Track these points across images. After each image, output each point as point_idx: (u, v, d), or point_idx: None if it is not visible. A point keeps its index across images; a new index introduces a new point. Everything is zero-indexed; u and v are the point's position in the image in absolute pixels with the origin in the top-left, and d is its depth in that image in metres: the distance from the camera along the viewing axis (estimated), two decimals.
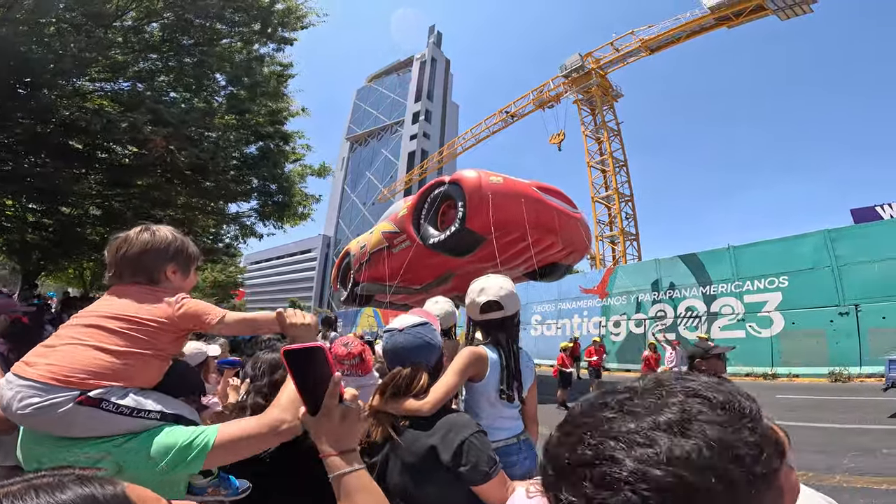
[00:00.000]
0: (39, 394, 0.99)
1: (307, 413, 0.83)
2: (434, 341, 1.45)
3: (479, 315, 1.82)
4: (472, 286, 1.85)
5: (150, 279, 1.23)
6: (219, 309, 1.23)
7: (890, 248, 11.39)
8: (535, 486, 1.14)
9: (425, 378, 1.41)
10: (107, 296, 1.21)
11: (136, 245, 1.22)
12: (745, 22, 26.41)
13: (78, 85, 7.81)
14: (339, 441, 0.83)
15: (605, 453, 0.39)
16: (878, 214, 15.92)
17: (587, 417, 0.44)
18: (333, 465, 0.82)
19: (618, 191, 31.97)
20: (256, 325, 1.28)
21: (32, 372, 1.03)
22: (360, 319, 29.87)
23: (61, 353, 1.06)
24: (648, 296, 16.34)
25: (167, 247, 1.25)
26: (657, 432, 0.39)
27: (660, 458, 0.37)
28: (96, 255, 13.85)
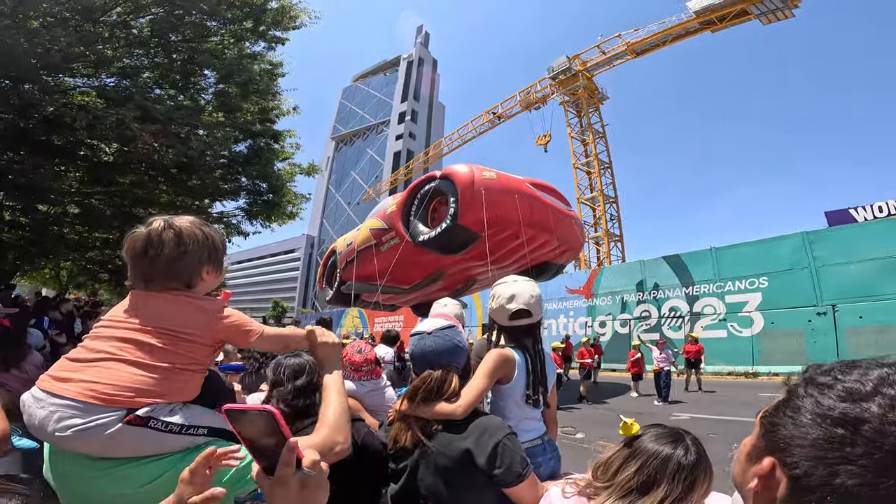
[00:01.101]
0: (80, 414, 0.93)
1: (261, 471, 0.75)
2: (462, 344, 1.46)
3: (508, 321, 1.83)
4: (501, 291, 1.85)
5: (187, 285, 1.14)
6: (257, 323, 1.20)
7: (865, 250, 11.81)
8: (570, 486, 1.16)
9: (456, 381, 1.41)
10: (135, 302, 1.11)
11: (167, 249, 1.10)
12: (728, 26, 27.05)
13: (61, 80, 7.57)
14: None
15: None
16: (851, 217, 16.46)
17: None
18: None
19: (603, 192, 32.44)
20: (289, 343, 1.25)
21: (69, 389, 0.95)
22: (345, 320, 29.65)
23: (99, 369, 0.99)
24: (633, 296, 16.61)
25: (200, 248, 1.15)
26: None
27: None
28: (74, 255, 13.46)
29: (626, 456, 1.07)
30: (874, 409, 0.44)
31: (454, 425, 1.35)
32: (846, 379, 0.49)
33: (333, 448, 1.04)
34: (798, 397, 0.52)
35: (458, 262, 9.12)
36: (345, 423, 1.11)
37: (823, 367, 0.54)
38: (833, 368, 0.52)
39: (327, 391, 1.18)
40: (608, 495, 1.02)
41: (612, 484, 1.04)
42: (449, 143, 45.71)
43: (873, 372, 0.48)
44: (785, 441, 0.50)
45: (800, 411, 0.50)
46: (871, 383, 0.46)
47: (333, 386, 1.18)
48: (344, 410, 1.14)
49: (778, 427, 0.52)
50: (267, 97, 10.03)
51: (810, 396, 0.50)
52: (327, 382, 1.20)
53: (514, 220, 7.91)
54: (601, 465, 1.11)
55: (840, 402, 0.47)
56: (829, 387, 0.49)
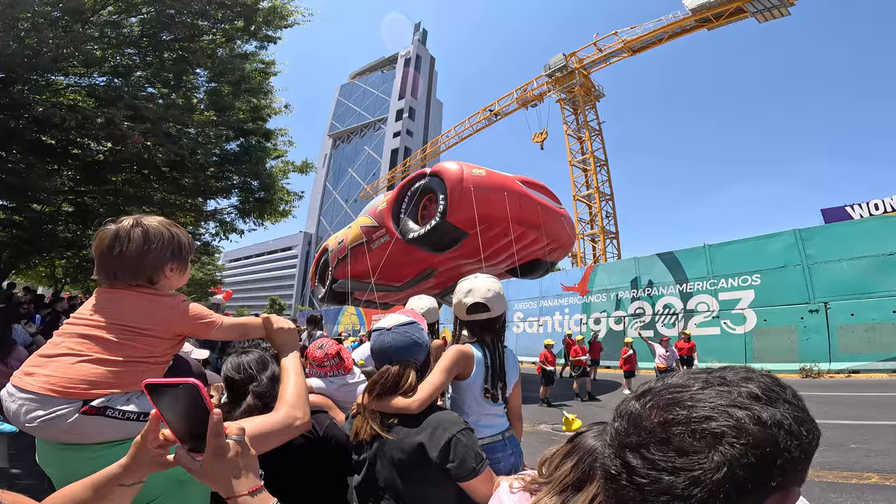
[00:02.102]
0: (42, 406, 1.00)
1: (188, 453, 0.75)
2: (421, 340, 1.48)
3: (466, 315, 1.85)
4: (460, 286, 1.87)
5: (150, 281, 1.18)
6: (216, 314, 1.24)
7: (858, 248, 11.80)
8: (517, 482, 1.19)
9: (413, 376, 1.43)
10: (99, 298, 1.15)
11: (133, 245, 1.14)
12: (724, 24, 27.05)
13: (52, 80, 7.56)
14: (242, 479, 0.76)
15: (700, 414, 0.45)
16: (847, 214, 16.52)
17: (677, 389, 0.49)
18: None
19: (598, 189, 32.47)
20: (246, 331, 1.30)
21: (31, 383, 1.03)
22: (342, 318, 29.68)
23: (57, 364, 1.06)
24: (628, 293, 16.64)
25: (166, 246, 1.19)
26: (749, 400, 0.46)
27: (755, 418, 0.44)
28: (69, 254, 13.45)
29: (566, 452, 1.07)
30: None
31: (410, 419, 1.37)
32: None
33: (293, 423, 1.09)
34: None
35: (449, 260, 9.13)
36: (303, 400, 1.15)
37: None
38: None
39: (285, 373, 1.21)
40: (546, 491, 1.04)
41: (551, 479, 1.05)
42: (446, 140, 45.65)
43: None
44: None
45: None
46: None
47: (291, 367, 1.23)
48: (301, 388, 1.17)
49: None
50: (259, 96, 10.01)
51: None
52: (285, 364, 1.24)
53: (504, 218, 7.91)
54: (546, 460, 1.13)
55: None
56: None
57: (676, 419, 0.46)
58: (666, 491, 0.44)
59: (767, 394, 0.46)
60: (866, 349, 11.16)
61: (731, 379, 0.49)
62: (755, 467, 0.42)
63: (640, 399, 0.51)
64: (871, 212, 15.82)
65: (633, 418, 0.50)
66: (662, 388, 0.51)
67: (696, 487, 0.42)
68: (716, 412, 0.45)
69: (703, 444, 0.43)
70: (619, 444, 0.50)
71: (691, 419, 0.45)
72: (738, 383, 0.48)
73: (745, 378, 0.49)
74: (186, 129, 8.62)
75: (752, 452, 0.42)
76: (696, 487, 0.42)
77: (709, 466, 0.42)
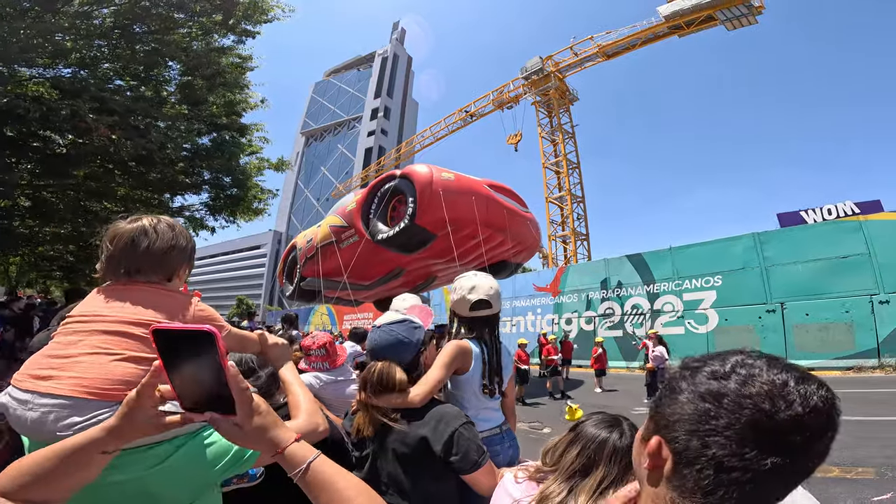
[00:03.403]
0: (76, 412, 0.91)
1: (223, 416, 0.70)
2: (408, 339, 1.51)
3: (469, 312, 1.90)
4: (462, 283, 1.92)
5: (168, 278, 1.16)
6: (224, 320, 1.25)
7: (812, 251, 12.46)
8: (522, 472, 1.25)
9: (396, 374, 1.45)
10: (114, 295, 1.08)
11: (161, 241, 1.12)
12: (695, 31, 28.04)
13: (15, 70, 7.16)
14: (283, 429, 0.74)
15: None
16: (802, 219, 17.36)
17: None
18: (299, 455, 0.73)
19: (570, 192, 33.07)
20: (245, 343, 1.31)
21: (59, 387, 0.93)
22: (313, 318, 29.21)
23: (85, 364, 0.96)
24: (598, 294, 17.06)
25: (187, 245, 1.19)
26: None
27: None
28: (23, 250, 12.74)
29: (570, 441, 1.15)
30: (731, 385, 0.51)
31: (412, 414, 1.41)
32: (711, 363, 0.56)
33: (317, 430, 1.12)
34: (675, 380, 0.57)
35: (417, 260, 9.25)
36: (317, 406, 1.19)
37: (696, 357, 0.60)
38: (703, 357, 0.59)
39: (289, 384, 1.23)
40: (554, 478, 1.10)
41: (557, 467, 1.12)
42: (421, 140, 45.54)
43: (732, 357, 0.55)
44: (666, 419, 0.55)
45: (676, 392, 0.56)
46: (729, 364, 0.54)
47: (293, 378, 1.25)
48: (311, 397, 1.22)
49: (661, 408, 0.57)
50: (234, 90, 9.77)
51: (684, 379, 0.56)
52: (285, 376, 1.25)
53: (471, 221, 8.13)
54: (549, 450, 1.19)
55: (706, 380, 0.53)
56: (697, 370, 0.56)
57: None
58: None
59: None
60: (820, 348, 11.79)
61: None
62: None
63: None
64: (825, 217, 16.67)
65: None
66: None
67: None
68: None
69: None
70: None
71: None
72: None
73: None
74: (156, 122, 8.31)
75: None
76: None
77: None
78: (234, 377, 0.69)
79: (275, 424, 0.74)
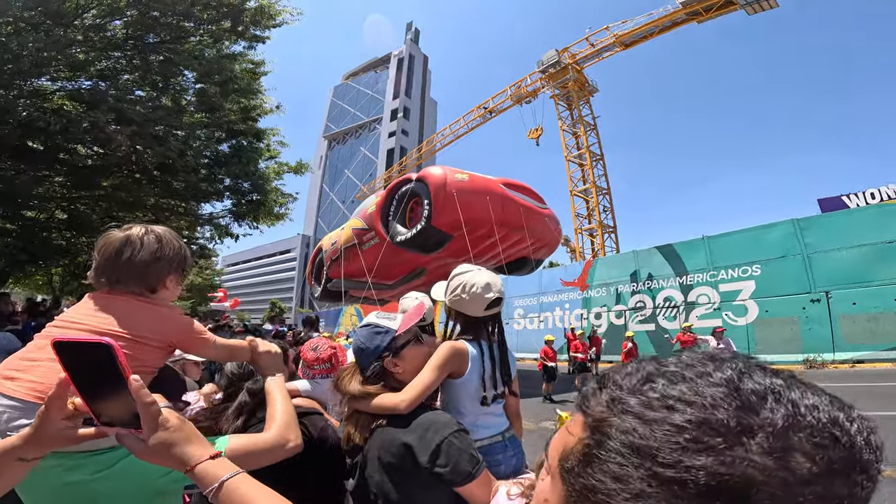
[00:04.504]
0: (26, 414, 0.92)
1: (130, 432, 0.67)
2: (365, 346, 1.40)
3: (484, 312, 1.74)
4: (472, 280, 1.75)
5: (151, 289, 1.16)
6: (209, 332, 1.25)
7: (857, 236, 11.72)
8: (517, 487, 1.10)
9: (347, 380, 1.39)
10: (94, 304, 1.10)
11: (144, 251, 1.12)
12: (714, 17, 27.03)
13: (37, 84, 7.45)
14: (196, 446, 0.70)
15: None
16: (844, 204, 16.47)
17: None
18: (210, 473, 0.68)
19: (595, 184, 32.45)
20: (234, 352, 1.30)
21: (15, 389, 0.95)
22: (343, 319, 29.59)
23: (43, 368, 0.97)
24: (627, 287, 16.57)
25: (175, 256, 1.18)
26: None
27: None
28: (64, 261, 13.34)
29: None
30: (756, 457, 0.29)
31: (399, 420, 1.29)
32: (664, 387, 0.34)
33: (286, 445, 1.08)
34: (610, 439, 0.34)
35: (437, 259, 9.42)
36: (294, 422, 1.15)
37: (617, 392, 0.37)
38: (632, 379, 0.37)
39: (271, 394, 1.21)
40: None
41: None
42: (442, 138, 45.58)
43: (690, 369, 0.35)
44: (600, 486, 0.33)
45: (626, 466, 0.32)
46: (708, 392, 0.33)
47: (277, 389, 1.22)
48: (290, 411, 1.17)
49: (595, 491, 0.33)
50: (248, 96, 9.91)
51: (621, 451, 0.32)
52: (269, 387, 1.23)
53: (486, 221, 8.31)
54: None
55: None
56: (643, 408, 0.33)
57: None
58: None
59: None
60: (869, 339, 11.07)
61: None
62: None
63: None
64: (868, 201, 15.77)
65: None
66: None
67: None
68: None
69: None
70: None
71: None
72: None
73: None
74: (175, 130, 8.51)
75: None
76: None
77: None
78: (137, 391, 0.66)
79: (186, 440, 0.70)
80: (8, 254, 11.87)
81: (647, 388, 0.35)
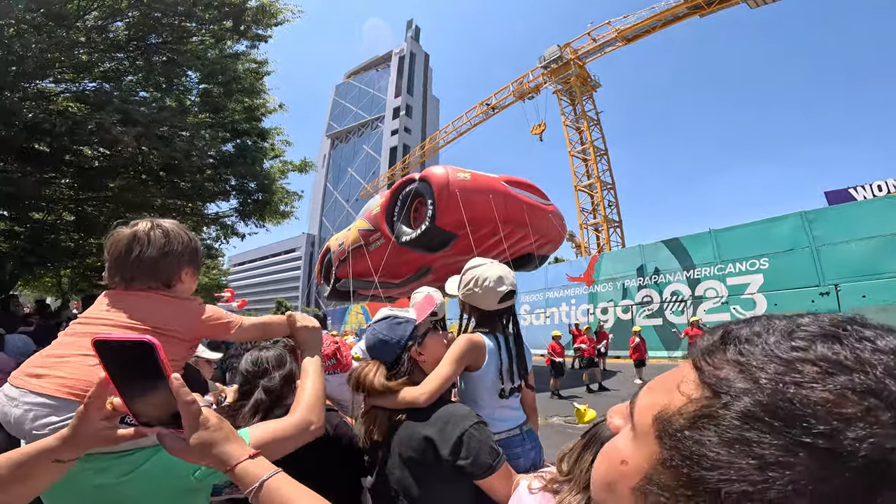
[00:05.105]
0: (55, 412, 0.91)
1: (170, 431, 0.68)
2: (388, 337, 1.40)
3: (498, 305, 1.75)
4: (485, 273, 1.74)
5: (167, 284, 1.14)
6: (235, 315, 1.22)
7: (865, 228, 11.62)
8: (538, 480, 1.09)
9: (373, 375, 1.37)
10: (113, 300, 1.09)
11: (153, 247, 1.10)
12: (716, 10, 26.77)
13: (42, 86, 7.47)
14: (235, 445, 0.71)
15: None
16: (851, 196, 16.29)
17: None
18: (251, 473, 0.69)
19: (599, 179, 32.33)
20: (269, 329, 1.27)
21: (44, 386, 0.93)
22: (349, 317, 29.70)
23: (73, 365, 0.96)
24: (634, 282, 16.52)
25: (184, 249, 1.16)
26: None
27: None
28: (72, 263, 13.42)
29: (584, 445, 0.99)
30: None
31: (418, 414, 1.29)
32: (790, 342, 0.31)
33: (308, 427, 1.06)
34: (738, 400, 0.30)
35: (443, 257, 9.48)
36: (320, 403, 1.13)
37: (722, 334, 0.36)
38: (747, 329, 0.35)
39: (304, 374, 1.19)
40: (569, 490, 0.95)
41: (572, 476, 0.97)
42: (444, 136, 45.56)
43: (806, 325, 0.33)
44: (728, 486, 0.28)
45: (755, 430, 0.28)
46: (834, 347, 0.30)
47: (311, 368, 1.20)
48: (319, 391, 1.15)
49: (704, 458, 0.30)
50: (252, 95, 9.92)
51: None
52: (305, 365, 1.21)
53: (490, 219, 8.36)
54: (564, 456, 1.04)
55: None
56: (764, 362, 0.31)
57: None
58: None
59: None
60: None
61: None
62: None
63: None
64: (875, 193, 15.60)
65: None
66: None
67: None
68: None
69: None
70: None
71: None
72: None
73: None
74: (180, 131, 8.54)
75: None
76: None
77: None
78: (178, 389, 0.66)
79: (225, 440, 0.70)
80: (17, 256, 11.97)
81: (790, 345, 0.32)
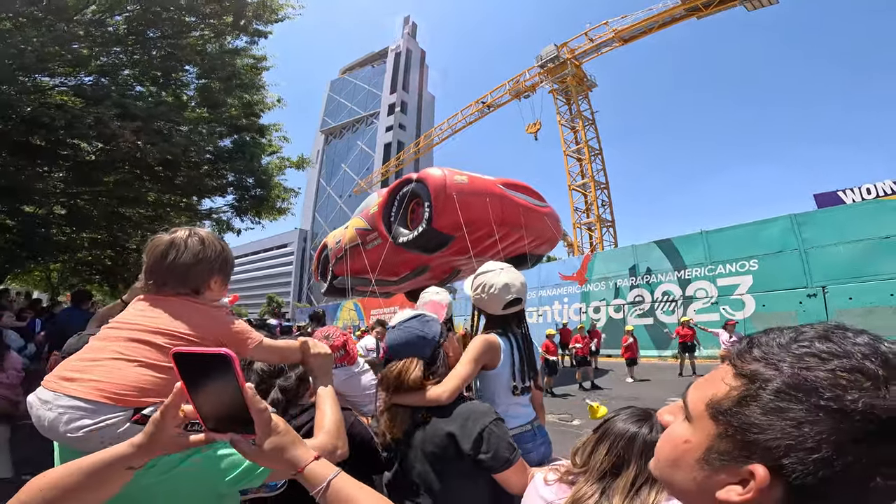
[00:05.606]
0: (90, 415, 0.93)
1: (243, 437, 0.72)
2: (425, 333, 1.45)
3: (502, 310, 1.83)
4: (492, 280, 1.83)
5: (196, 290, 1.19)
6: (257, 333, 1.24)
7: (854, 231, 11.82)
8: (553, 473, 1.17)
9: (415, 370, 1.40)
10: (146, 304, 1.14)
11: (187, 254, 1.15)
12: (713, 12, 26.98)
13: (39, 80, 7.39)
14: (302, 448, 0.75)
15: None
16: (840, 199, 16.57)
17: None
18: (319, 474, 0.74)
19: (593, 178, 32.47)
20: (284, 354, 1.30)
21: (77, 389, 0.95)
22: (341, 313, 29.67)
23: (106, 368, 0.99)
24: (626, 281, 16.69)
25: (217, 257, 1.21)
26: None
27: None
28: (63, 257, 13.28)
29: (598, 439, 1.08)
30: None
31: (440, 411, 1.35)
32: (831, 346, 0.42)
33: (334, 452, 1.11)
34: (776, 382, 0.42)
35: (440, 257, 9.58)
36: (342, 429, 1.18)
37: (787, 335, 0.46)
38: (801, 334, 0.45)
39: (322, 401, 1.23)
40: (585, 480, 1.04)
41: (587, 468, 1.05)
42: (439, 133, 45.41)
43: (852, 337, 0.43)
44: (775, 442, 0.40)
45: (785, 399, 0.41)
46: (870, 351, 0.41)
47: (328, 396, 1.24)
48: (339, 419, 1.20)
49: (753, 426, 0.42)
50: (251, 91, 9.88)
51: (798, 383, 0.41)
52: (321, 393, 1.25)
53: (486, 221, 8.47)
54: (578, 449, 1.12)
55: (843, 376, 0.40)
56: (816, 363, 0.41)
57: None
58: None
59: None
60: None
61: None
62: None
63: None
64: (864, 196, 15.87)
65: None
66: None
67: None
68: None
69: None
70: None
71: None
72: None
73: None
74: (178, 126, 8.48)
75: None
76: None
77: None
78: (252, 398, 0.70)
79: (293, 444, 0.75)
80: (8, 250, 11.82)
81: (797, 345, 0.44)
